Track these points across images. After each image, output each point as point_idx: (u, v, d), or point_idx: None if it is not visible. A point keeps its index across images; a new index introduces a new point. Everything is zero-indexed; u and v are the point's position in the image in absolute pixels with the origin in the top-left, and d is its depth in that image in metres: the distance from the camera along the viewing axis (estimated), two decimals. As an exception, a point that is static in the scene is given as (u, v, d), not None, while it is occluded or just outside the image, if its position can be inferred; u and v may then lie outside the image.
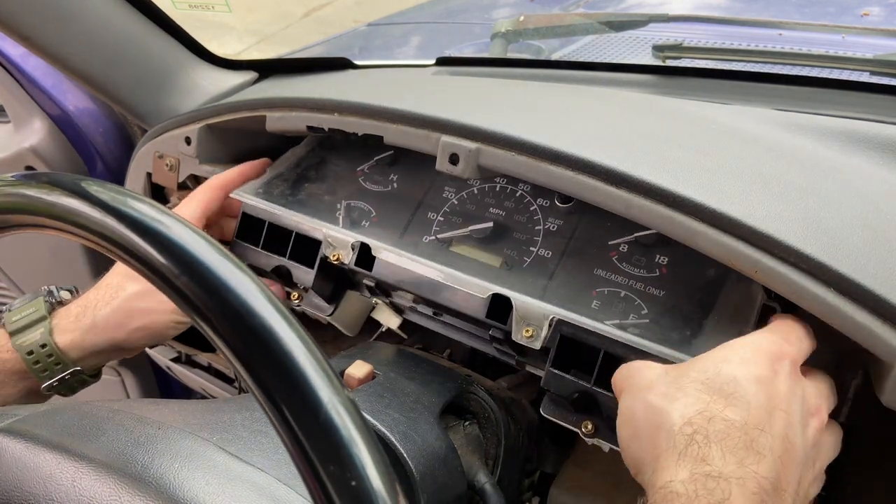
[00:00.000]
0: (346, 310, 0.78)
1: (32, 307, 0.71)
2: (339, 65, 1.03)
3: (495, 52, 1.28)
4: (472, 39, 1.66)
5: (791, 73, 0.97)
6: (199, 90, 0.97)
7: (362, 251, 0.72)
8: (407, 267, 0.69)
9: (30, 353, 0.68)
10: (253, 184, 0.82)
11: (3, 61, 1.05)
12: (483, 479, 0.65)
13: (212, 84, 0.98)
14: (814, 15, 1.65)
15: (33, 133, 1.09)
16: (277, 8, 4.35)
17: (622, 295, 0.62)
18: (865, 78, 0.95)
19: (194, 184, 0.90)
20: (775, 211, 0.55)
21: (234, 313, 0.31)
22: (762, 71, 0.95)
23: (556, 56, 1.39)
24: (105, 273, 0.76)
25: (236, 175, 0.82)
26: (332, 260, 0.72)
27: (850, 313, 0.49)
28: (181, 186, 0.92)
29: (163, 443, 0.47)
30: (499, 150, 0.63)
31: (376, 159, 0.80)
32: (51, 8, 0.82)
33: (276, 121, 0.80)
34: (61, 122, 1.09)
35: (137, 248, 0.33)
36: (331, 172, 0.82)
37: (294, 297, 0.78)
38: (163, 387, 1.30)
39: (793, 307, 0.53)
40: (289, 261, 0.76)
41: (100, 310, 0.71)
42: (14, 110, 1.12)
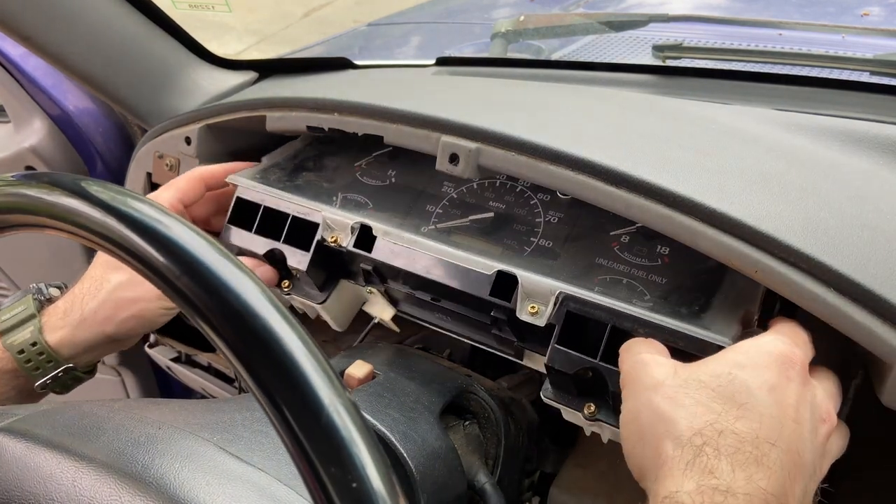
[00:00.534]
0: (338, 299, 0.76)
1: (21, 305, 0.71)
2: (339, 65, 1.03)
3: (495, 52, 1.28)
4: (472, 39, 1.66)
5: (791, 73, 0.97)
6: (199, 90, 0.97)
7: (362, 233, 0.70)
8: (409, 246, 0.68)
9: (20, 352, 0.68)
10: (248, 171, 0.81)
11: (3, 61, 1.05)
12: (483, 479, 0.65)
13: (212, 84, 0.98)
14: (814, 15, 1.65)
15: (33, 133, 1.09)
16: (277, 8, 4.35)
17: (624, 282, 0.61)
18: (865, 78, 0.95)
19: (194, 184, 0.90)
20: (775, 211, 0.55)
21: (234, 314, 0.31)
22: (762, 71, 0.95)
23: (556, 56, 1.39)
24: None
25: (221, 170, 0.81)
26: (330, 242, 0.71)
27: (850, 313, 0.49)
28: (181, 186, 0.92)
29: (163, 443, 0.47)
30: (499, 150, 0.63)
31: (375, 155, 0.80)
32: (51, 8, 0.82)
33: (276, 121, 0.80)
34: (61, 122, 1.09)
35: (138, 248, 0.33)
36: (328, 165, 0.81)
37: (285, 285, 0.76)
38: (163, 387, 1.30)
39: (792, 305, 0.53)
40: (283, 244, 0.74)
41: (87, 304, 0.70)
42: (14, 110, 1.12)
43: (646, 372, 0.51)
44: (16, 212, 0.37)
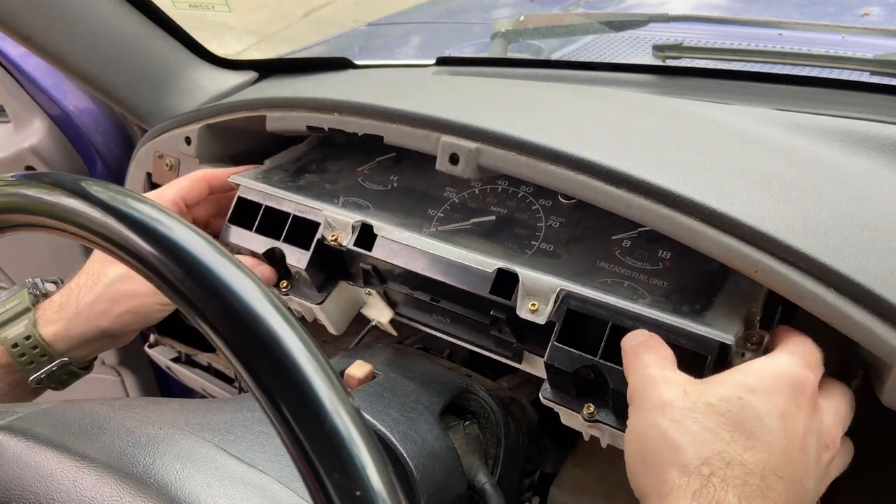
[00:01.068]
0: (336, 301, 0.76)
1: (16, 299, 0.71)
2: (339, 65, 1.03)
3: (495, 52, 1.28)
4: (472, 39, 1.66)
5: (791, 73, 0.97)
6: (199, 90, 0.97)
7: (363, 231, 0.70)
8: (409, 244, 0.68)
9: (14, 345, 0.68)
10: (251, 172, 0.81)
11: (3, 61, 1.05)
12: (483, 479, 0.65)
13: (212, 84, 0.98)
14: (814, 15, 1.65)
15: (33, 133, 1.09)
16: (277, 8, 4.36)
17: (625, 284, 0.61)
18: (865, 78, 0.95)
19: (194, 184, 0.90)
20: (775, 211, 0.55)
21: (235, 314, 0.31)
22: (762, 71, 0.95)
23: (556, 56, 1.39)
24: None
25: (225, 173, 0.81)
26: (331, 241, 0.71)
27: (850, 313, 0.49)
28: (181, 186, 0.92)
29: (164, 443, 0.47)
30: (499, 150, 0.63)
31: (377, 160, 0.80)
32: (51, 8, 0.82)
33: (276, 121, 0.80)
34: (61, 122, 1.09)
35: (138, 248, 0.33)
36: (331, 169, 0.82)
37: (283, 285, 0.76)
38: (163, 387, 1.30)
39: (793, 306, 0.53)
40: (283, 243, 0.74)
41: (83, 297, 0.70)
42: (14, 110, 1.12)
43: (654, 389, 0.50)
44: (16, 212, 0.37)
